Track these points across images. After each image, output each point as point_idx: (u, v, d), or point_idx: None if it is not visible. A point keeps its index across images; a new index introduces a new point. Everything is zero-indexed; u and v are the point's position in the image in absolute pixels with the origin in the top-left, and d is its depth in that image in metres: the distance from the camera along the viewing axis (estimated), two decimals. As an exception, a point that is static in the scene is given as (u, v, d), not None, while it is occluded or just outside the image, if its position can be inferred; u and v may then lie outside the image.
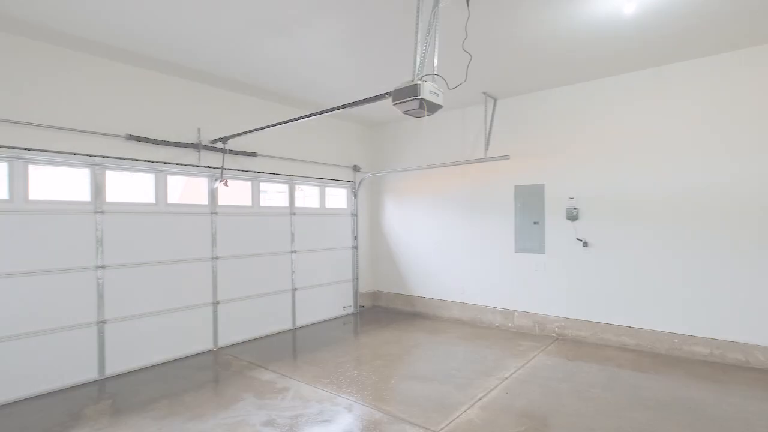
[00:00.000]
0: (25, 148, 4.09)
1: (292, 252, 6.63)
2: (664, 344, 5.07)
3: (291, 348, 5.66)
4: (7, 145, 3.98)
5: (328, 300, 7.27)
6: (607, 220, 5.44)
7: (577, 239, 5.64)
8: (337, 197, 7.72)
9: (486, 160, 6.18)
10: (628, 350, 5.21)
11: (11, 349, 3.99)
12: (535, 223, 6.03)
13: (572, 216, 5.64)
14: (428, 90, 3.07)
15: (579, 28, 4.05)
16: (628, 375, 4.43)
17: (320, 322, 6.98)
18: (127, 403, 3.94)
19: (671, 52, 4.68)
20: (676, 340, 4.99)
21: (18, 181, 4.09)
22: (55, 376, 4.25)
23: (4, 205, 4.01)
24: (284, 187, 6.68)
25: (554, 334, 5.88)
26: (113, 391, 4.23)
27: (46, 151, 4.21)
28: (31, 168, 4.20)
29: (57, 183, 4.48)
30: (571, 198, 5.68)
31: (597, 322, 5.53)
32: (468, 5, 3.46)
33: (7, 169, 4.06)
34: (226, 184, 5.58)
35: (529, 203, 6.08)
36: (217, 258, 5.62)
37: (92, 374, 4.49)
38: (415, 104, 3.10)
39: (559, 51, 4.59)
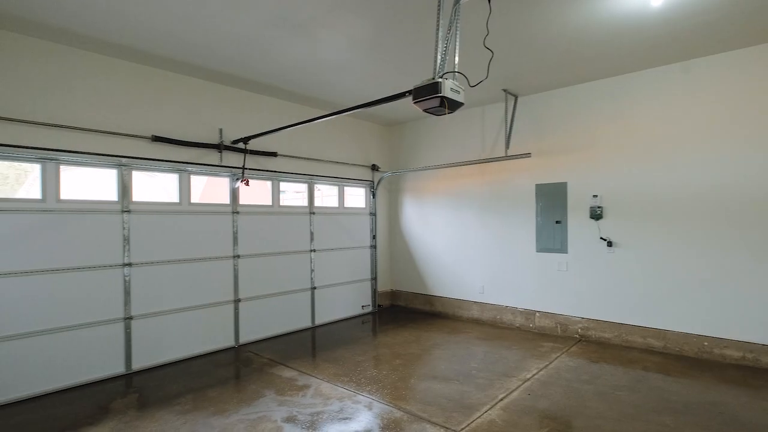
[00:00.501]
0: (57, 150, 4.24)
1: (311, 251, 6.68)
2: (692, 347, 4.91)
3: (310, 346, 5.71)
4: (39, 146, 4.13)
5: (347, 299, 7.30)
6: (633, 219, 5.30)
7: (601, 238, 5.51)
8: (356, 197, 7.75)
9: (507, 158, 6.10)
10: (655, 353, 5.07)
11: (44, 343, 4.15)
12: (557, 222, 5.92)
13: (596, 215, 5.52)
14: (449, 87, 3.05)
15: (605, 21, 3.95)
16: (654, 378, 4.30)
17: (339, 321, 7.02)
18: (153, 397, 4.04)
19: (700, 46, 4.52)
20: (705, 343, 4.82)
21: (50, 182, 4.24)
22: (84, 370, 4.39)
23: (37, 205, 4.16)
24: (303, 187, 6.74)
25: (577, 336, 5.77)
26: (139, 385, 4.34)
27: (76, 152, 4.35)
28: (62, 169, 4.35)
29: (86, 183, 4.63)
30: (595, 196, 5.56)
31: (622, 324, 5.39)
32: (489, 1, 3.41)
33: (39, 170, 4.21)
34: (247, 183, 5.65)
35: (551, 202, 5.98)
36: (238, 256, 5.71)
37: (119, 368, 4.62)
38: (435, 102, 3.08)
39: (584, 46, 4.50)
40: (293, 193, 6.86)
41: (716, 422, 3.38)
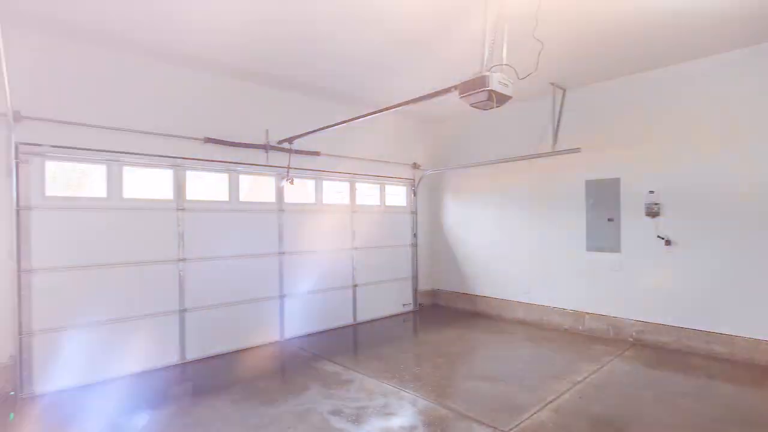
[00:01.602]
0: (120, 152, 4.53)
1: (353, 249, 6.75)
2: (764, 355, 4.51)
3: (353, 342, 5.77)
4: (106, 149, 4.44)
5: (388, 297, 7.31)
6: (694, 216, 4.95)
7: (659, 237, 5.19)
8: (397, 195, 7.75)
9: (554, 153, 5.88)
10: (720, 359, 4.71)
11: (112, 331, 4.44)
12: (609, 219, 5.64)
13: (652, 212, 5.20)
14: (497, 81, 2.99)
15: (665, 6, 3.72)
16: (721, 386, 4.00)
17: (380, 319, 7.04)
18: (206, 385, 4.23)
19: (773, 27, 4.16)
20: (779, 351, 4.43)
21: (114, 181, 4.54)
22: (145, 358, 4.65)
23: (103, 203, 4.47)
24: (343, 186, 6.82)
25: (631, 339, 5.46)
26: (193, 374, 4.56)
27: (137, 153, 4.63)
28: (125, 169, 4.64)
29: (143, 183, 4.90)
30: (651, 192, 5.24)
31: (681, 328, 5.05)
32: (538, -10, 3.31)
33: (105, 170, 4.52)
34: (291, 182, 5.80)
35: (603, 199, 5.70)
36: (283, 253, 5.87)
37: (175, 358, 4.88)
38: (483, 96, 3.03)
39: (641, 33, 4.25)
40: (332, 193, 6.95)
41: (795, 436, 3.09)
